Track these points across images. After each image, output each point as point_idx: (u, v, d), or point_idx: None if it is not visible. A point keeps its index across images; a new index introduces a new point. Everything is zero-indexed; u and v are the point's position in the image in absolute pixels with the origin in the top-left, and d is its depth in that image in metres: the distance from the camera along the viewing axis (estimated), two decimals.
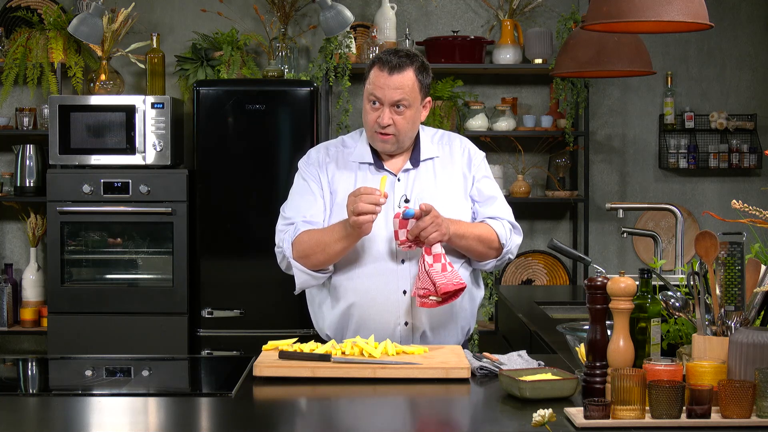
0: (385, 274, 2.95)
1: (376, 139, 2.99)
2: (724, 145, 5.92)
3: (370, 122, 2.98)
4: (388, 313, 2.95)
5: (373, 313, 2.95)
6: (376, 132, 2.97)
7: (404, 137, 2.99)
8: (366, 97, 2.99)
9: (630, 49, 4.09)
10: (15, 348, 5.89)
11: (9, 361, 3.05)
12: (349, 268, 2.98)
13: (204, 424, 2.31)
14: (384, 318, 2.95)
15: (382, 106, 2.94)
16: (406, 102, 2.93)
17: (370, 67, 3.00)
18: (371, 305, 2.95)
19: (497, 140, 5.91)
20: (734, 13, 5.97)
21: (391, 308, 2.95)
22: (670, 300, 2.45)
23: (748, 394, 2.10)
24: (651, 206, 4.98)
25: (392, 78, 2.93)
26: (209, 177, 5.25)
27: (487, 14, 5.97)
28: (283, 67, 5.62)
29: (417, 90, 2.96)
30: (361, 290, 2.96)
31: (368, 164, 3.04)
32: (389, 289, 2.95)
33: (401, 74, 2.93)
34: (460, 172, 3.09)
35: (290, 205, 3.10)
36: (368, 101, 2.97)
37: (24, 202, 5.75)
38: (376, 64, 2.97)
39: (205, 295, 5.25)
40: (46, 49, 5.54)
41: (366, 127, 3.02)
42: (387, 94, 2.93)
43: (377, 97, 2.94)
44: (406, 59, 2.96)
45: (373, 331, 2.92)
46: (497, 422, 2.28)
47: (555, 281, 5.98)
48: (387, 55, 2.97)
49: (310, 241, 2.94)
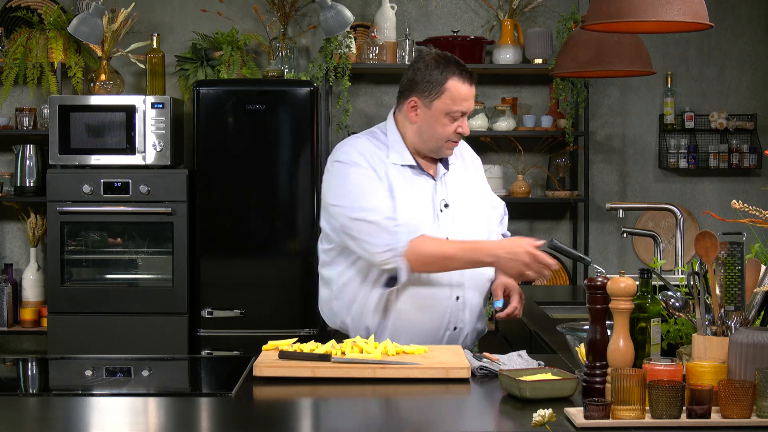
0: (438, 280, 2.96)
1: (446, 147, 2.99)
2: (724, 145, 5.92)
3: (447, 134, 2.95)
4: (440, 320, 2.98)
5: (425, 320, 2.96)
6: (450, 141, 2.97)
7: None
8: (443, 112, 2.93)
9: (630, 49, 4.09)
10: (15, 348, 5.89)
11: (9, 361, 3.05)
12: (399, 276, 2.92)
13: (204, 424, 2.31)
14: (435, 324, 2.98)
15: (464, 116, 2.96)
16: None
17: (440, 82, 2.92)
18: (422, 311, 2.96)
19: (497, 140, 5.91)
20: (734, 13, 5.97)
21: (443, 314, 2.98)
22: (670, 300, 2.45)
23: (748, 394, 2.10)
24: (651, 206, 4.98)
25: (472, 88, 2.96)
26: (209, 177, 5.25)
27: (487, 14, 5.97)
28: (283, 67, 5.62)
29: None
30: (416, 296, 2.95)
31: (409, 167, 3.00)
32: (442, 296, 2.97)
33: (474, 83, 2.98)
34: (473, 173, 3.16)
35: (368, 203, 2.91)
36: (446, 116, 2.93)
37: (24, 202, 5.75)
38: (454, 77, 2.93)
39: (205, 295, 5.25)
40: (46, 49, 5.54)
41: (436, 138, 2.96)
42: (470, 106, 2.97)
43: (463, 111, 2.94)
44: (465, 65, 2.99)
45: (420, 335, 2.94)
46: (497, 422, 2.28)
47: (555, 281, 5.98)
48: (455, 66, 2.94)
49: (435, 251, 2.87)
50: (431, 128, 2.96)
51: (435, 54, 2.98)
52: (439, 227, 2.96)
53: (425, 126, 2.97)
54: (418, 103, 2.96)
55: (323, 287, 3.12)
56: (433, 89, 2.93)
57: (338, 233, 2.97)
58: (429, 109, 2.94)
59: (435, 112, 2.94)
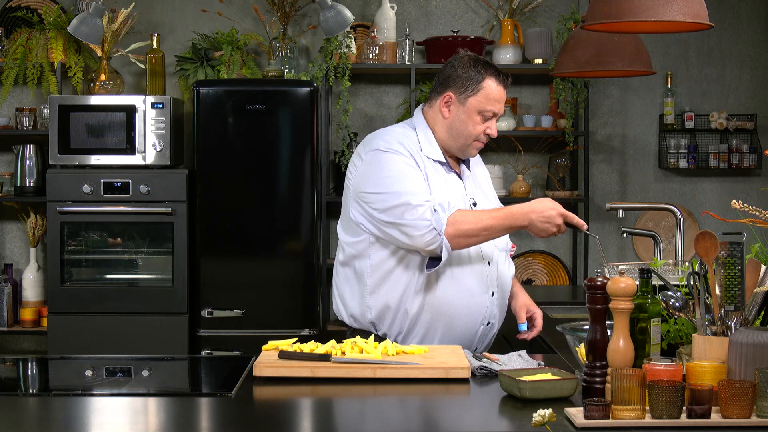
0: (476, 275, 2.98)
1: (473, 147, 3.02)
2: (724, 145, 5.92)
3: (476, 133, 2.99)
4: (477, 314, 3.00)
5: (463, 313, 2.98)
6: (478, 141, 3.00)
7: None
8: (475, 110, 2.97)
9: (630, 49, 4.09)
10: (15, 348, 5.89)
11: (9, 361, 3.05)
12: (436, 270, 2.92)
13: (204, 424, 2.31)
14: (472, 318, 3.00)
15: (495, 117, 3.00)
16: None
17: (478, 80, 2.97)
18: (460, 307, 2.97)
19: (497, 140, 5.91)
20: (734, 13, 5.97)
21: (481, 309, 3.00)
22: (670, 300, 2.45)
23: (748, 394, 2.10)
24: (651, 206, 4.97)
25: (505, 92, 3.00)
26: (209, 177, 5.25)
27: (487, 14, 5.97)
28: (283, 67, 5.62)
29: None
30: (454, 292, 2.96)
31: (440, 163, 3.02)
32: (479, 290, 2.99)
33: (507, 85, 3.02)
34: (484, 173, 3.22)
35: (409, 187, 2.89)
36: (478, 114, 2.97)
37: (24, 202, 5.75)
38: (492, 77, 2.98)
39: (205, 295, 5.25)
40: (46, 49, 5.54)
41: (465, 135, 2.99)
42: (501, 108, 3.01)
43: (495, 112, 2.99)
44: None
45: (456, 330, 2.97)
46: (497, 422, 2.28)
47: (555, 281, 5.98)
48: (492, 68, 2.99)
49: (474, 224, 2.85)
50: (463, 125, 2.99)
51: (473, 55, 3.04)
52: None
53: (457, 122, 3.00)
54: (452, 99, 2.99)
55: (348, 283, 3.06)
56: (469, 86, 2.97)
57: (375, 222, 2.93)
58: (463, 106, 2.98)
59: (468, 108, 2.98)
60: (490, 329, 3.07)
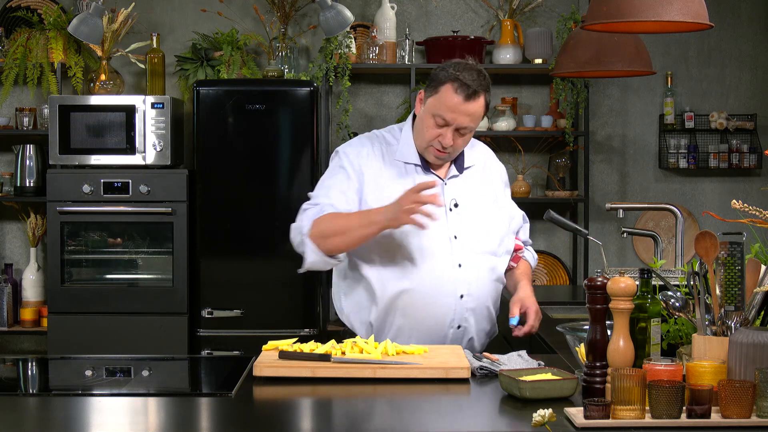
0: (440, 277, 2.94)
1: (430, 152, 2.94)
2: (724, 145, 5.92)
3: (429, 137, 2.90)
4: (443, 316, 2.96)
5: (428, 316, 2.94)
6: (433, 147, 2.92)
7: (456, 154, 2.99)
8: (430, 113, 2.88)
9: (630, 49, 4.09)
10: (15, 348, 5.89)
11: (9, 361, 3.05)
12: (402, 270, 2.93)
13: (204, 424, 2.31)
14: (438, 321, 2.95)
15: (447, 126, 2.87)
16: (472, 127, 2.90)
17: (440, 82, 2.87)
18: (425, 308, 2.94)
19: (497, 140, 5.91)
20: (734, 13, 5.97)
21: (447, 311, 2.96)
22: (670, 300, 2.45)
23: (748, 394, 2.10)
24: (651, 206, 4.97)
25: (466, 104, 2.84)
26: (209, 177, 5.25)
27: (487, 14, 5.97)
28: (283, 67, 5.62)
29: (483, 114, 2.92)
30: (417, 292, 2.93)
31: (415, 165, 2.99)
32: (446, 292, 2.94)
33: (476, 101, 2.85)
34: (494, 183, 3.13)
35: (321, 191, 2.98)
36: (432, 117, 2.88)
37: (24, 202, 5.75)
38: (451, 83, 2.85)
39: (205, 295, 5.25)
40: (46, 49, 5.54)
41: (421, 137, 2.93)
42: (457, 119, 2.86)
43: (446, 121, 2.86)
44: (479, 83, 2.86)
45: (423, 333, 2.95)
46: (497, 422, 2.28)
47: (555, 281, 5.98)
48: (463, 75, 2.84)
49: (332, 223, 2.85)
50: (421, 124, 2.94)
51: (462, 61, 2.92)
52: (448, 225, 2.96)
53: (419, 122, 2.96)
54: (422, 97, 2.96)
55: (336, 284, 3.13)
56: (432, 86, 2.90)
57: None
58: (425, 105, 2.93)
59: (427, 109, 2.91)
60: (462, 333, 3.00)
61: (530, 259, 3.30)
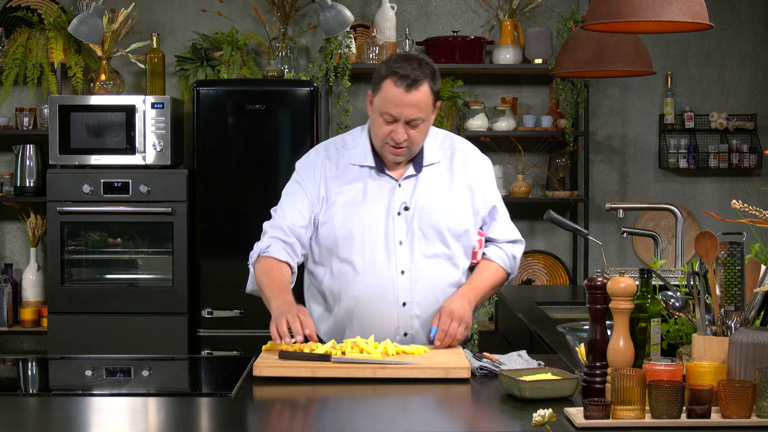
0: (381, 285, 2.89)
1: (387, 151, 2.89)
2: (724, 145, 5.92)
3: (381, 135, 2.86)
4: (388, 324, 2.91)
5: (374, 324, 2.90)
6: (389, 145, 2.87)
7: (416, 148, 2.92)
8: (378, 111, 2.85)
9: (630, 49, 4.09)
10: (15, 348, 5.89)
11: (9, 361, 3.05)
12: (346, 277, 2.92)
13: (204, 424, 2.31)
14: (384, 329, 2.90)
15: (397, 122, 2.83)
16: (422, 117, 2.84)
17: (381, 78, 2.83)
18: (371, 316, 2.90)
19: (497, 140, 5.91)
20: (734, 13, 5.97)
21: (391, 319, 2.91)
22: (670, 300, 2.45)
23: (748, 394, 2.10)
24: (651, 206, 4.97)
25: (409, 95, 2.79)
26: (209, 177, 5.25)
27: (487, 14, 5.97)
28: (283, 67, 5.62)
29: (431, 102, 2.85)
30: (361, 300, 2.90)
31: (369, 168, 2.95)
32: (388, 300, 2.90)
33: (418, 90, 2.80)
34: (463, 181, 3.00)
35: (280, 208, 3.03)
36: (380, 115, 2.84)
37: (24, 202, 5.75)
38: (390, 78, 2.80)
39: (205, 295, 5.25)
40: (46, 49, 5.54)
41: (376, 137, 2.91)
42: (404, 112, 2.81)
43: (393, 116, 2.82)
44: (420, 72, 2.80)
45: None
46: (497, 422, 2.28)
47: (555, 281, 5.98)
48: (402, 67, 2.80)
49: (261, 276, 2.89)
50: (373, 125, 2.90)
51: (402, 54, 2.90)
52: (393, 230, 2.91)
53: (371, 122, 2.92)
54: (370, 98, 2.91)
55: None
56: (376, 84, 2.86)
57: None
58: (373, 105, 2.89)
59: (374, 108, 2.87)
60: (411, 340, 2.93)
61: (495, 257, 3.05)
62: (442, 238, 2.93)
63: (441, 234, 2.93)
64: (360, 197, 2.93)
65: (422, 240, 2.92)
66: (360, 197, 2.93)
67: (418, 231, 2.92)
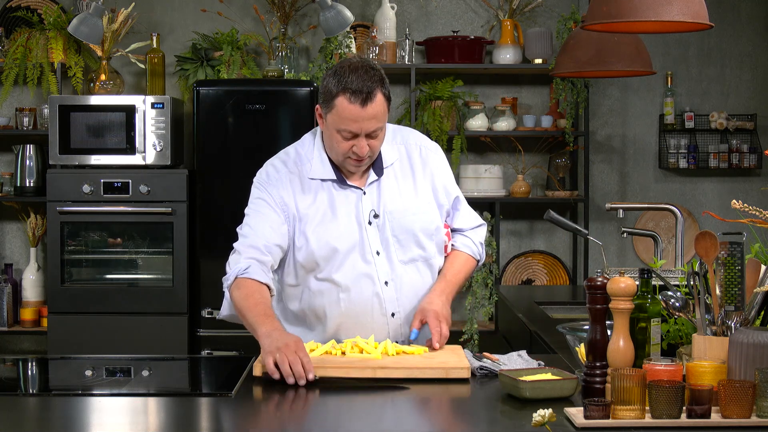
0: (371, 298, 2.86)
1: (349, 164, 2.80)
2: (724, 145, 5.92)
3: (342, 151, 2.76)
4: (379, 336, 2.84)
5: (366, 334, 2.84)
6: (351, 159, 2.78)
7: (377, 154, 2.85)
8: (333, 128, 2.73)
9: (630, 49, 4.09)
10: (15, 348, 5.89)
11: (9, 361, 3.05)
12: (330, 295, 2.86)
13: (204, 424, 2.31)
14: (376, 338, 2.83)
15: (357, 137, 2.73)
16: (381, 126, 2.76)
17: (332, 96, 2.70)
18: (361, 330, 2.84)
19: (497, 140, 5.91)
20: (734, 13, 5.98)
21: (382, 331, 2.87)
22: (670, 300, 2.45)
23: (748, 394, 2.10)
24: (651, 206, 4.97)
25: (366, 110, 2.68)
26: (209, 177, 5.25)
27: (487, 14, 5.97)
28: (283, 67, 5.62)
29: (386, 107, 2.76)
30: (349, 317, 2.85)
31: (331, 181, 2.86)
32: (377, 313, 2.86)
33: (373, 102, 2.69)
34: (421, 174, 2.94)
35: (248, 226, 2.93)
36: (338, 132, 2.74)
37: (24, 202, 5.75)
38: (343, 95, 2.68)
39: (205, 295, 5.25)
40: (46, 49, 5.54)
41: (335, 153, 2.80)
42: (363, 127, 2.71)
43: (352, 132, 2.72)
44: (371, 82, 2.69)
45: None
46: (497, 422, 2.28)
47: (555, 281, 5.98)
48: (352, 81, 2.68)
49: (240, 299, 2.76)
50: (330, 140, 2.79)
51: (347, 62, 2.75)
52: (368, 241, 2.85)
53: (326, 137, 2.82)
54: (319, 112, 2.81)
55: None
56: (326, 102, 2.74)
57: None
58: (326, 122, 2.77)
59: (329, 125, 2.75)
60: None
61: (463, 248, 3.02)
62: (417, 240, 2.89)
63: (415, 236, 2.89)
64: (329, 214, 2.85)
65: (398, 247, 2.87)
66: (329, 214, 2.85)
67: (392, 238, 2.86)
